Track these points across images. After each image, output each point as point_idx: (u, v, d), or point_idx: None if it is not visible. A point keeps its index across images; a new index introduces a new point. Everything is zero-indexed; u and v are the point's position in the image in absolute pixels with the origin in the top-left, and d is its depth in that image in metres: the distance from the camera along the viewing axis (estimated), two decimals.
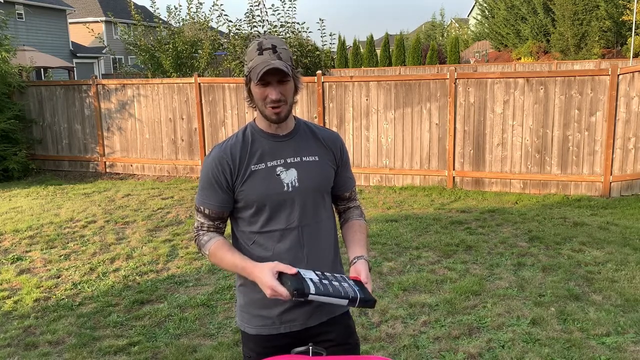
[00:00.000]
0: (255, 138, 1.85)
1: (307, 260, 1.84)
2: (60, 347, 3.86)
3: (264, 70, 1.70)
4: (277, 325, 1.86)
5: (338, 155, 1.95)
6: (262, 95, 1.77)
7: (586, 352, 3.55)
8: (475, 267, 5.11)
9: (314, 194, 1.87)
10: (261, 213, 1.83)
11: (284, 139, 1.87)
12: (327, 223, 1.93)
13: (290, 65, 1.77)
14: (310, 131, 1.93)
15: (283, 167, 1.84)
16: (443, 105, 8.26)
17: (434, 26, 59.20)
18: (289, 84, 1.78)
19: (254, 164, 1.82)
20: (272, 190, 1.81)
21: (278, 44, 1.77)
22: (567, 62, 27.66)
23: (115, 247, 6.03)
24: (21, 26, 25.61)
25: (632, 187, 7.62)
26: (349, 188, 2.02)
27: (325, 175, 1.91)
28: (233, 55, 11.30)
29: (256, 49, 1.76)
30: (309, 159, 1.87)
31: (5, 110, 10.21)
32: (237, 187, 1.82)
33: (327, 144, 1.93)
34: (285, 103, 1.78)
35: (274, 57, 1.73)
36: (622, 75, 7.40)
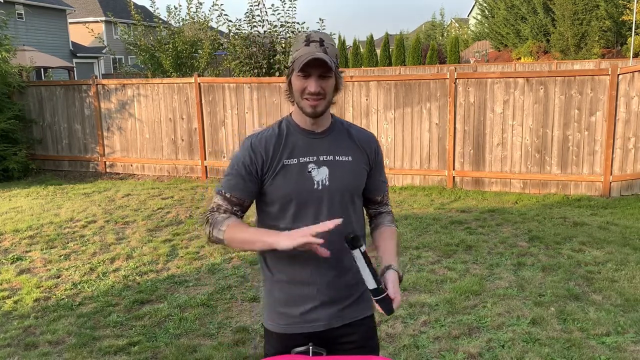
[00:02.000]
0: (291, 132, 1.83)
1: (335, 264, 1.81)
2: (60, 347, 3.86)
3: (307, 60, 1.68)
4: (301, 324, 1.84)
5: (372, 157, 1.92)
6: (301, 87, 1.74)
7: (586, 351, 3.55)
8: (475, 267, 5.11)
9: (343, 195, 1.83)
10: (288, 209, 1.80)
11: (319, 136, 1.84)
12: (357, 226, 1.89)
13: (335, 61, 1.74)
14: (346, 131, 1.90)
15: (315, 164, 1.80)
16: (443, 105, 8.26)
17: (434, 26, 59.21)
18: (331, 80, 1.75)
19: (286, 159, 1.79)
20: (302, 187, 1.78)
21: (326, 39, 1.75)
22: (567, 62, 27.65)
23: (115, 247, 6.03)
24: (21, 26, 25.60)
25: (632, 186, 7.62)
26: (381, 192, 1.98)
27: (357, 176, 1.87)
28: (233, 55, 11.30)
29: (303, 40, 1.74)
30: (342, 158, 1.84)
31: (5, 110, 10.21)
32: (267, 180, 1.79)
33: (361, 144, 1.90)
34: (324, 98, 1.76)
35: (320, 49, 1.71)
36: (622, 75, 7.39)
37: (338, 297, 1.84)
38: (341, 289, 1.84)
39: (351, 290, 1.87)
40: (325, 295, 1.83)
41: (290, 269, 1.83)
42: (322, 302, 1.83)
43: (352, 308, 1.87)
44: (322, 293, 1.82)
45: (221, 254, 5.67)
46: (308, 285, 1.82)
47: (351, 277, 1.85)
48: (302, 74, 1.71)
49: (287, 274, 1.83)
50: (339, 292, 1.84)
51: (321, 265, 1.79)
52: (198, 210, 7.52)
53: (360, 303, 1.89)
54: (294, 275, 1.83)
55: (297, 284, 1.83)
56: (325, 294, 1.83)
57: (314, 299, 1.82)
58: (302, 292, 1.83)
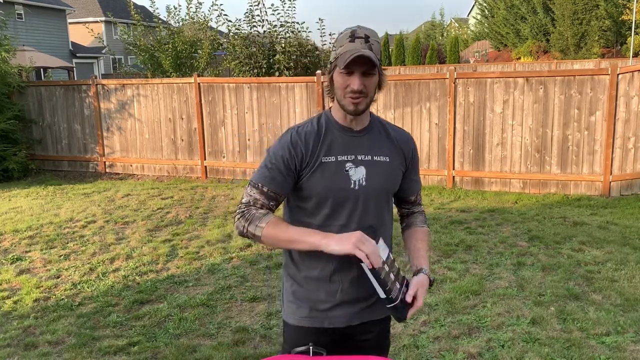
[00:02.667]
0: (329, 129, 1.80)
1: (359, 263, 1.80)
2: (60, 347, 3.86)
3: (352, 57, 1.64)
4: (321, 319, 1.84)
5: (409, 157, 1.90)
6: (343, 84, 1.70)
7: (586, 351, 3.55)
8: (475, 267, 5.11)
9: (379, 195, 1.82)
10: (323, 206, 1.78)
11: (358, 134, 1.82)
12: (386, 226, 1.89)
13: (379, 59, 1.70)
14: (384, 130, 1.88)
15: (353, 163, 1.78)
16: (443, 105, 8.26)
17: (433, 26, 59.22)
18: (374, 78, 1.72)
19: (324, 156, 1.77)
20: (338, 185, 1.76)
21: (371, 35, 1.71)
22: (566, 62, 27.66)
23: (115, 247, 6.03)
24: (21, 26, 25.60)
25: (632, 186, 7.62)
26: (415, 192, 1.97)
27: (393, 177, 1.86)
28: (233, 55, 11.29)
29: (348, 36, 1.70)
30: (380, 159, 1.82)
31: (5, 111, 10.21)
32: (305, 175, 1.77)
33: (399, 144, 1.88)
34: (366, 96, 1.72)
35: (365, 46, 1.67)
36: (621, 75, 7.39)
37: (360, 297, 1.85)
38: (363, 289, 1.83)
39: (372, 291, 1.86)
40: (347, 294, 1.84)
41: (316, 266, 1.83)
42: (344, 300, 1.84)
43: (372, 308, 1.88)
44: (345, 292, 1.83)
45: (221, 254, 5.67)
46: (332, 283, 1.83)
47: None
48: (346, 70, 1.68)
49: (313, 270, 1.84)
50: (361, 292, 1.84)
51: (346, 264, 1.80)
52: (198, 211, 7.52)
53: (379, 304, 1.88)
54: (320, 272, 1.83)
55: (322, 281, 1.83)
56: (347, 292, 1.84)
57: (337, 297, 1.83)
58: (326, 289, 1.83)
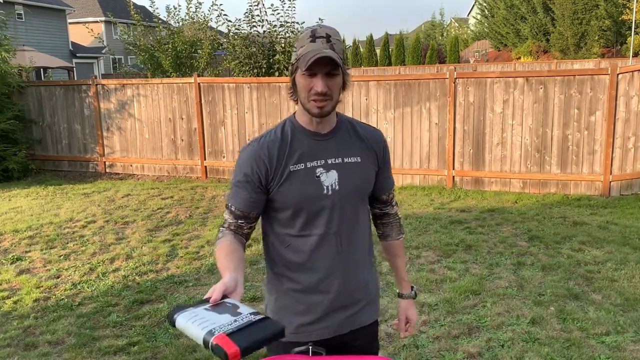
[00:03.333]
0: (295, 136, 1.72)
1: (344, 269, 1.78)
2: (60, 347, 3.86)
3: (314, 59, 1.56)
4: (308, 332, 1.78)
5: (381, 155, 1.84)
6: (307, 87, 1.63)
7: (586, 351, 3.55)
8: (474, 267, 5.11)
9: (354, 198, 1.77)
10: (298, 216, 1.72)
11: (326, 137, 1.74)
12: (365, 227, 1.85)
13: (342, 58, 1.63)
14: (353, 129, 1.81)
15: (323, 168, 1.71)
16: (443, 104, 8.26)
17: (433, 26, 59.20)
18: (338, 78, 1.64)
19: (293, 164, 1.69)
20: (311, 193, 1.70)
21: (333, 34, 1.64)
22: (566, 62, 27.65)
23: (115, 247, 6.03)
24: (21, 26, 25.60)
25: (632, 186, 7.62)
26: (387, 189, 1.92)
27: (366, 177, 1.80)
28: (232, 55, 11.30)
29: (309, 36, 1.63)
30: (350, 160, 1.76)
31: (5, 111, 10.20)
32: (274, 188, 1.70)
33: (369, 143, 1.82)
34: (331, 98, 1.65)
35: (327, 46, 1.60)
36: (621, 75, 7.39)
37: (347, 304, 1.81)
38: (350, 296, 1.81)
39: (359, 296, 1.84)
40: (334, 303, 1.78)
41: (300, 278, 1.77)
42: (332, 310, 1.79)
43: (360, 314, 1.84)
44: (332, 301, 1.78)
45: None
46: (318, 293, 1.77)
47: (359, 283, 1.83)
48: (308, 72, 1.61)
49: (297, 282, 1.77)
50: (348, 299, 1.81)
51: (331, 273, 1.76)
52: (198, 211, 7.52)
53: (367, 309, 1.87)
54: (304, 283, 1.77)
55: (307, 292, 1.78)
56: (334, 302, 1.78)
57: (324, 308, 1.78)
58: (312, 300, 1.77)
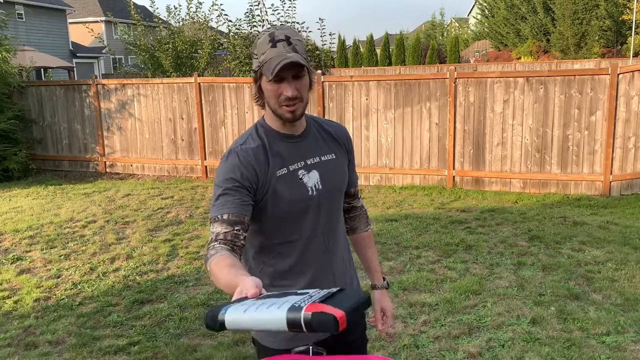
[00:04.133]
0: (271, 140, 1.68)
1: (334, 268, 1.76)
2: (60, 347, 3.86)
3: (280, 66, 1.52)
4: (303, 337, 1.69)
5: (349, 148, 1.85)
6: (275, 93, 1.59)
7: (586, 351, 3.55)
8: (475, 267, 5.11)
9: (336, 195, 1.76)
10: (285, 222, 1.67)
11: (299, 139, 1.71)
12: (342, 223, 1.86)
13: (305, 58, 1.59)
14: (320, 127, 1.79)
15: (304, 169, 1.69)
16: (443, 104, 8.26)
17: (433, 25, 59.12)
18: (304, 78, 1.61)
19: (278, 169, 1.65)
20: (297, 196, 1.66)
21: (292, 35, 1.59)
22: (567, 62, 27.63)
23: (115, 247, 6.03)
24: (21, 26, 25.60)
25: (632, 186, 7.61)
26: (354, 183, 1.92)
27: (343, 173, 1.81)
28: (233, 55, 11.30)
29: (268, 41, 1.57)
30: (327, 157, 1.75)
31: (5, 110, 10.21)
32: (260, 196, 1.63)
33: (339, 138, 1.82)
34: (301, 100, 1.61)
35: (289, 49, 1.56)
36: (622, 75, 7.39)
37: None
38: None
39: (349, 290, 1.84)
40: None
41: (287, 284, 1.71)
42: None
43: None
44: None
45: None
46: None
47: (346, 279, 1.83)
48: (275, 78, 1.55)
49: (283, 288, 1.71)
50: None
51: (321, 274, 1.75)
52: (198, 210, 7.52)
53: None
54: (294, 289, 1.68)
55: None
56: None
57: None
58: None
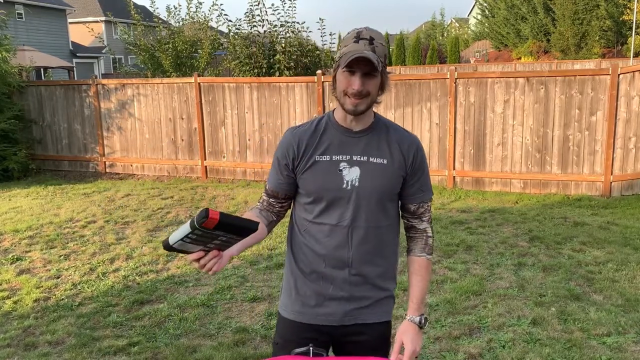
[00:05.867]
0: (328, 129, 1.83)
1: (351, 263, 1.81)
2: (60, 347, 3.85)
3: (353, 57, 1.65)
4: (313, 316, 1.86)
5: (410, 160, 1.84)
6: (345, 84, 1.71)
7: (587, 352, 3.54)
8: (475, 267, 5.10)
9: (373, 198, 1.80)
10: (317, 204, 1.82)
11: (357, 135, 1.81)
12: (386, 230, 1.86)
13: (383, 61, 1.71)
14: (386, 132, 1.84)
15: (347, 163, 1.79)
16: (443, 105, 8.26)
17: (434, 26, 59.11)
18: (376, 79, 1.72)
19: (319, 154, 1.80)
20: (331, 184, 1.78)
21: (376, 37, 1.71)
22: (567, 62, 27.64)
23: (115, 247, 6.02)
24: (21, 26, 25.60)
25: (633, 186, 7.61)
26: (416, 200, 1.88)
27: (389, 180, 1.81)
28: (233, 55, 11.28)
29: (353, 37, 1.71)
30: (376, 160, 1.80)
31: (5, 110, 10.20)
32: (299, 174, 1.82)
33: (401, 147, 1.83)
34: (367, 97, 1.72)
35: (369, 48, 1.68)
36: (622, 75, 7.39)
37: (352, 296, 1.84)
38: (357, 289, 1.84)
39: (367, 293, 1.86)
40: (339, 291, 1.83)
41: (309, 261, 1.85)
42: (336, 298, 1.84)
43: (367, 310, 1.87)
44: (337, 289, 1.83)
45: None
46: (324, 279, 1.84)
47: (368, 281, 1.85)
48: (348, 70, 1.69)
49: (306, 264, 1.86)
50: (355, 292, 1.84)
51: (339, 261, 1.81)
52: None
53: (376, 308, 1.88)
54: (313, 267, 1.84)
55: (314, 276, 1.85)
56: (340, 290, 1.83)
57: (329, 294, 1.84)
58: (318, 284, 1.84)
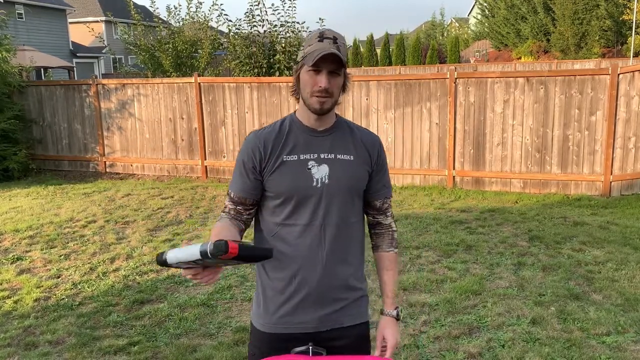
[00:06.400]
0: (293, 129, 1.83)
1: (325, 262, 1.80)
2: (60, 347, 3.86)
3: (321, 55, 1.67)
4: (287, 325, 1.83)
5: (374, 157, 1.89)
6: (311, 82, 1.73)
7: (586, 351, 3.55)
8: (475, 267, 5.11)
9: (343, 194, 1.82)
10: (287, 205, 1.80)
11: (321, 134, 1.83)
12: (355, 228, 1.88)
13: (345, 61, 1.74)
14: (349, 130, 1.88)
15: (315, 161, 1.80)
16: (443, 104, 8.26)
17: (434, 25, 59.09)
18: (339, 78, 1.75)
19: (286, 155, 1.80)
20: (301, 183, 1.78)
21: (339, 38, 1.75)
22: (567, 62, 27.62)
23: (115, 246, 6.03)
24: (21, 26, 25.60)
25: (633, 186, 7.61)
26: (380, 196, 1.93)
27: (357, 176, 1.85)
28: (233, 55, 11.29)
29: (317, 37, 1.74)
30: (343, 157, 1.83)
31: (6, 110, 10.21)
32: (266, 175, 1.80)
33: (364, 144, 1.88)
34: (332, 96, 1.75)
35: (334, 46, 1.71)
36: (622, 75, 7.39)
37: (326, 301, 1.82)
38: (330, 292, 1.82)
39: (341, 295, 1.84)
40: (312, 296, 1.81)
41: (280, 266, 1.81)
42: (309, 303, 1.81)
43: (340, 314, 1.84)
44: (310, 295, 1.80)
45: None
46: (296, 283, 1.80)
47: (341, 282, 1.83)
48: (314, 69, 1.71)
49: (280, 272, 1.82)
50: (327, 296, 1.82)
51: (312, 262, 1.79)
52: (198, 210, 7.52)
53: (350, 309, 1.86)
54: (284, 272, 1.81)
55: (285, 282, 1.81)
56: (313, 296, 1.80)
57: (301, 300, 1.81)
58: (292, 291, 1.81)
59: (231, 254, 1.32)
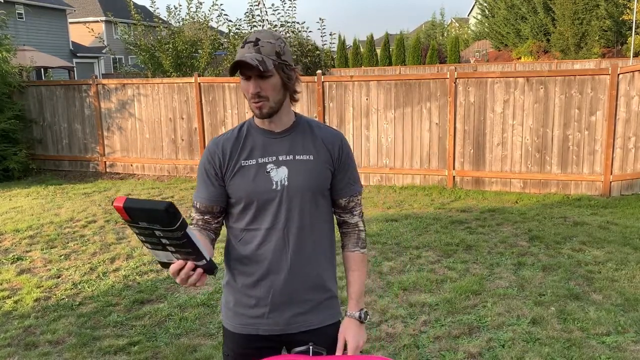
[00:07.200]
0: (250, 133, 1.82)
1: (290, 265, 1.78)
2: (60, 347, 3.86)
3: (231, 65, 1.68)
4: (256, 325, 1.82)
5: (335, 155, 1.83)
6: (245, 89, 1.74)
7: (586, 351, 3.55)
8: (475, 267, 5.11)
9: (304, 195, 1.78)
10: (248, 209, 1.79)
11: (279, 136, 1.80)
12: (322, 228, 1.84)
13: (274, 59, 1.68)
14: (310, 129, 1.84)
15: (274, 164, 1.77)
16: (443, 104, 8.26)
17: (434, 25, 59.09)
18: (271, 79, 1.70)
19: (244, 159, 1.78)
20: (260, 188, 1.76)
21: (263, 37, 1.70)
22: (567, 62, 27.64)
23: (115, 246, 6.03)
24: (21, 26, 25.60)
25: (633, 186, 7.61)
26: (345, 194, 1.87)
27: (318, 175, 1.80)
28: (233, 55, 11.30)
29: (242, 43, 1.73)
30: (302, 157, 1.79)
31: (6, 110, 10.21)
32: (227, 181, 1.79)
33: (325, 142, 1.82)
34: (267, 99, 1.71)
35: (252, 50, 1.68)
36: (622, 75, 7.39)
37: (292, 301, 1.80)
38: (296, 294, 1.80)
39: (308, 296, 1.82)
40: (280, 298, 1.80)
41: (249, 271, 1.81)
42: (277, 305, 1.80)
43: (309, 315, 1.82)
44: (277, 296, 1.79)
45: (221, 254, 5.65)
46: (264, 287, 1.80)
47: (309, 282, 1.82)
48: (243, 76, 1.71)
49: (246, 276, 1.82)
50: (294, 297, 1.80)
51: (278, 265, 1.78)
52: None
53: (320, 311, 1.84)
54: (252, 278, 1.81)
55: (254, 286, 1.81)
56: (280, 297, 1.79)
57: (269, 302, 1.80)
58: (258, 294, 1.80)
59: (116, 207, 1.36)
